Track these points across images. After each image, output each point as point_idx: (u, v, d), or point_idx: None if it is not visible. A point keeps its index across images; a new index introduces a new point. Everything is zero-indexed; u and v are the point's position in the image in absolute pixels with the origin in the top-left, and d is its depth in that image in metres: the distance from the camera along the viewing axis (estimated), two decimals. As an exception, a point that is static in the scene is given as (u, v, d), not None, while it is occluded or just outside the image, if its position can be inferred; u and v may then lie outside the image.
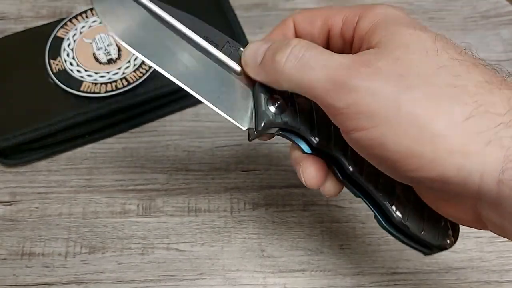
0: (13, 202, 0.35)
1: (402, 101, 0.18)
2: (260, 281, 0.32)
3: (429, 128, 0.17)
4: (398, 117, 0.17)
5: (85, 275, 0.33)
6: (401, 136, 0.18)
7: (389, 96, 0.18)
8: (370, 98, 0.18)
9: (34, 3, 0.44)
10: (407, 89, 0.18)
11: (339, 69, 0.19)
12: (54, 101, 0.35)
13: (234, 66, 0.23)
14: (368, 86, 0.18)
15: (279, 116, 0.22)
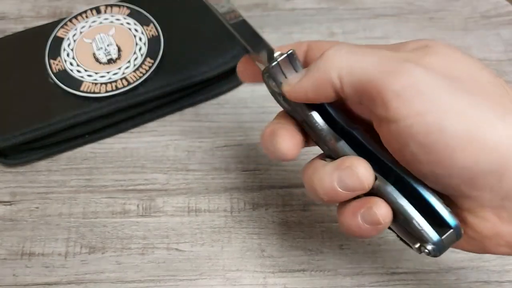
0: (13, 202, 0.35)
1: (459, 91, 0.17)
2: (260, 281, 0.32)
3: (490, 115, 0.17)
4: (457, 103, 0.17)
5: (85, 275, 0.33)
6: (462, 119, 0.17)
7: (443, 83, 0.17)
8: (426, 82, 0.17)
9: (34, 3, 0.44)
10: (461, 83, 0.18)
11: (392, 55, 0.19)
12: (54, 101, 0.35)
13: None
14: (423, 71, 0.17)
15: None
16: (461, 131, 0.17)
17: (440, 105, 0.17)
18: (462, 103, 0.17)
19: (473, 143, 0.17)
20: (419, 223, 0.20)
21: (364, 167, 0.20)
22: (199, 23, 0.38)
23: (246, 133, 0.38)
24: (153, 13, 0.39)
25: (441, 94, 0.17)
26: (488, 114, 0.17)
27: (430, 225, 0.20)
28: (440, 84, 0.17)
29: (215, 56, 0.37)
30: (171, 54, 0.37)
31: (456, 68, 0.18)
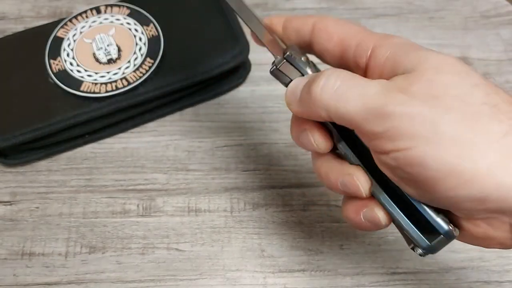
0: (13, 202, 0.35)
1: (441, 123, 0.18)
2: (260, 281, 0.32)
3: (469, 146, 0.18)
4: (438, 137, 0.18)
5: (85, 275, 0.33)
6: (442, 153, 0.18)
7: (427, 119, 0.18)
8: (408, 123, 0.18)
9: (34, 3, 0.44)
10: (445, 111, 0.18)
11: (375, 98, 0.19)
12: (54, 101, 0.35)
13: None
14: (405, 111, 0.19)
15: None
16: (441, 165, 0.18)
17: (422, 141, 0.18)
18: (444, 136, 0.18)
19: (452, 176, 0.18)
20: (408, 230, 0.22)
21: (364, 178, 0.22)
22: (199, 23, 0.38)
23: (246, 133, 0.38)
24: (153, 13, 0.39)
25: (424, 129, 0.18)
26: (469, 146, 0.18)
27: (419, 231, 0.21)
28: (421, 120, 0.18)
29: (215, 56, 0.37)
30: (171, 54, 0.37)
31: (446, 93, 0.19)
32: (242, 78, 0.40)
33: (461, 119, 0.18)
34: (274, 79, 0.25)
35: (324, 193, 0.35)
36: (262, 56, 0.41)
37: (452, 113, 0.18)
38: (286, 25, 0.25)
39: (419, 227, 0.21)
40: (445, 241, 0.21)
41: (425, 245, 0.21)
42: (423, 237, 0.21)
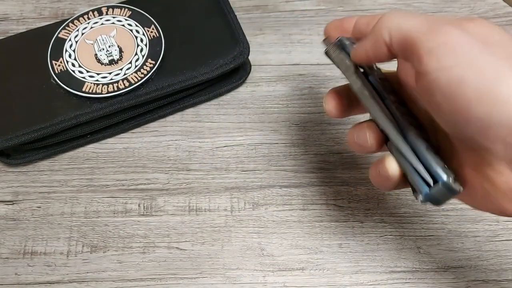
0: (15, 202, 0.36)
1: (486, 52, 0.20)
2: (260, 280, 0.33)
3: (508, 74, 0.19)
4: (480, 61, 0.20)
5: (87, 274, 0.33)
6: (481, 75, 0.19)
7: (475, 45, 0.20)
8: (458, 43, 0.20)
9: (36, 4, 0.44)
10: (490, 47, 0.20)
11: (437, 19, 0.21)
12: (56, 102, 0.36)
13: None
14: (460, 33, 0.20)
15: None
16: (478, 85, 0.19)
17: (465, 62, 0.20)
18: (485, 62, 0.20)
19: (488, 96, 0.19)
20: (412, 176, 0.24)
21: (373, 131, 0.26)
22: (200, 25, 0.39)
23: (246, 133, 0.38)
24: (154, 14, 0.39)
25: (469, 53, 0.20)
26: (507, 73, 0.19)
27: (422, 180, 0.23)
28: (470, 45, 0.20)
29: (216, 57, 0.37)
30: (172, 55, 0.37)
31: (492, 36, 0.21)
32: (242, 79, 0.40)
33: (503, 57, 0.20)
34: (274, 81, 0.26)
35: (324, 192, 0.36)
36: (262, 57, 0.41)
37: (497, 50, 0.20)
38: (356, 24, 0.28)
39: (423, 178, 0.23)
40: (445, 192, 0.23)
41: (423, 192, 0.23)
42: (424, 184, 0.23)
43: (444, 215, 0.35)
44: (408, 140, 0.24)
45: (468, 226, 0.34)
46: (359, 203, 0.35)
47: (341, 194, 0.36)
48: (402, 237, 0.34)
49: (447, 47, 0.20)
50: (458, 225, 0.34)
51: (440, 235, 0.34)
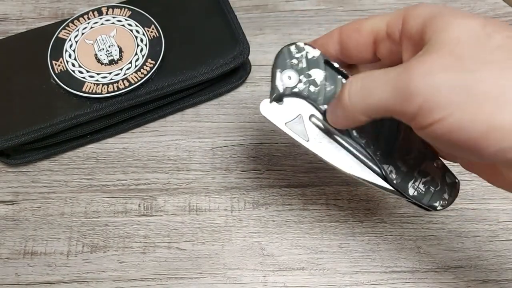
0: (15, 202, 0.36)
1: (469, 83, 0.18)
2: (260, 280, 0.33)
3: (502, 98, 0.18)
4: (469, 98, 0.18)
5: (87, 274, 0.33)
6: (477, 113, 0.18)
7: (455, 83, 0.18)
8: (436, 93, 0.19)
9: (36, 4, 0.44)
10: (470, 73, 0.18)
11: (399, 78, 0.20)
12: (56, 102, 0.36)
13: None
14: (431, 83, 0.19)
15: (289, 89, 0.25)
16: (479, 124, 0.18)
17: (455, 106, 0.18)
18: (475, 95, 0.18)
19: (493, 132, 0.18)
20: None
21: None
22: (200, 25, 0.39)
23: (247, 133, 0.38)
24: (154, 14, 0.39)
25: (457, 95, 0.18)
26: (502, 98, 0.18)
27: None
28: (449, 85, 0.18)
29: (216, 57, 0.37)
30: (172, 55, 0.37)
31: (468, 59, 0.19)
32: (242, 79, 0.40)
33: (489, 76, 0.18)
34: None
35: (323, 192, 0.36)
36: (262, 57, 0.41)
37: (477, 73, 0.18)
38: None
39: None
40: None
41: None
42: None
43: (444, 215, 0.35)
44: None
45: (468, 226, 0.34)
46: (359, 203, 0.35)
47: (341, 194, 0.36)
48: (402, 237, 0.34)
49: (429, 104, 0.19)
50: (458, 225, 0.34)
51: (440, 235, 0.34)
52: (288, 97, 0.25)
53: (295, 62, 0.25)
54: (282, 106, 0.25)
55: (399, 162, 0.25)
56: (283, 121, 0.25)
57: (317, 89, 0.25)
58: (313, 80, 0.25)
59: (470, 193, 0.35)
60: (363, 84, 0.21)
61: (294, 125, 0.25)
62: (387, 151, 0.25)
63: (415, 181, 0.25)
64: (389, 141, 0.25)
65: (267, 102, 0.25)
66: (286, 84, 0.25)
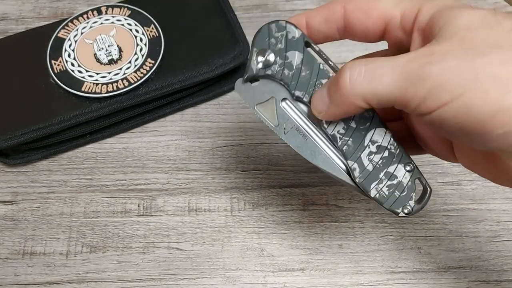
0: (14, 202, 0.36)
1: (478, 66, 0.18)
2: (260, 280, 0.33)
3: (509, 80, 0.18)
4: (479, 81, 0.18)
5: (86, 274, 0.33)
6: (486, 95, 0.18)
7: (464, 67, 0.18)
8: (448, 76, 0.18)
9: (35, 3, 0.44)
10: (480, 56, 0.18)
11: (409, 64, 0.19)
12: (55, 101, 0.36)
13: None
14: (443, 67, 0.19)
15: (263, 70, 0.24)
16: (487, 106, 0.18)
17: (464, 89, 0.18)
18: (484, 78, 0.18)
19: (500, 114, 0.18)
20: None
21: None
22: (200, 24, 0.39)
23: (246, 133, 0.38)
24: (154, 14, 0.39)
25: (464, 77, 0.18)
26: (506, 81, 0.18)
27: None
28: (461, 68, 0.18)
29: (216, 57, 0.37)
30: (171, 55, 0.37)
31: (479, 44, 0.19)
32: (242, 79, 0.40)
33: (499, 61, 0.18)
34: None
35: (324, 192, 0.36)
36: (262, 56, 0.41)
37: (488, 56, 0.18)
38: (310, 22, 0.25)
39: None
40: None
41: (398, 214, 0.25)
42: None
43: (444, 215, 0.35)
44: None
45: (469, 227, 0.34)
46: (360, 203, 0.35)
47: (342, 194, 0.36)
48: (403, 238, 0.34)
49: (440, 87, 0.19)
50: (458, 226, 0.34)
51: (440, 235, 0.34)
52: (263, 79, 0.24)
53: (274, 41, 0.24)
54: (256, 86, 0.25)
55: (365, 160, 0.24)
56: (254, 102, 0.25)
57: (291, 73, 0.24)
58: (289, 63, 0.24)
59: (471, 194, 0.35)
60: (368, 69, 0.21)
61: (265, 107, 0.25)
62: (354, 147, 0.24)
63: (380, 183, 0.24)
64: (358, 137, 0.24)
65: (241, 81, 0.25)
66: (260, 65, 0.24)
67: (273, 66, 0.24)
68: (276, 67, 0.24)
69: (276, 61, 0.24)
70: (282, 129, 0.25)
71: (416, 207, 0.24)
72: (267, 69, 0.24)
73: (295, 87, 0.24)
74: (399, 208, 0.24)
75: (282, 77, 0.24)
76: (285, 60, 0.24)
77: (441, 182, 0.36)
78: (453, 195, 0.35)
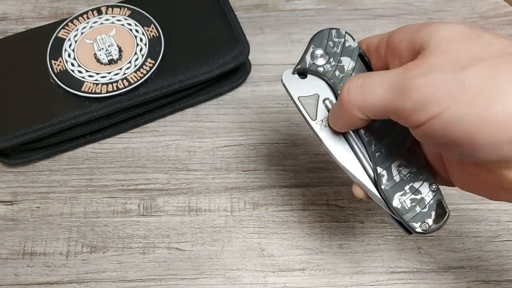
0: (14, 202, 0.36)
1: (464, 78, 0.19)
2: (260, 280, 0.33)
3: (496, 92, 0.18)
4: (464, 92, 0.19)
5: (86, 274, 0.33)
6: (472, 107, 0.19)
7: (450, 79, 0.19)
8: (433, 89, 0.19)
9: (35, 3, 0.44)
10: (465, 68, 0.19)
11: (397, 77, 0.21)
12: (55, 102, 0.36)
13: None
14: (427, 80, 0.19)
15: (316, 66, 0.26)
16: (474, 117, 0.19)
17: (451, 101, 0.19)
18: (470, 90, 0.19)
19: (487, 125, 0.19)
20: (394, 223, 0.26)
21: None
22: (200, 24, 0.39)
23: (246, 133, 0.38)
24: (154, 14, 0.39)
25: (451, 91, 0.19)
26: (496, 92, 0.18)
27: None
28: (445, 81, 0.19)
29: (215, 57, 0.37)
30: (171, 55, 0.37)
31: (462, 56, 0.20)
32: (242, 79, 0.40)
33: (484, 71, 0.19)
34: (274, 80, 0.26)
35: (324, 193, 0.36)
36: (262, 56, 0.41)
37: (472, 68, 0.19)
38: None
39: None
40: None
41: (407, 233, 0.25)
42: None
43: (445, 215, 0.35)
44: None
45: (469, 227, 0.34)
46: (360, 203, 0.35)
47: (342, 194, 0.36)
48: (403, 238, 0.34)
49: (425, 99, 0.19)
50: (459, 226, 0.34)
51: (440, 235, 0.34)
52: (311, 75, 0.26)
53: (331, 44, 0.26)
54: (302, 81, 0.26)
55: (394, 170, 0.25)
56: (298, 94, 0.26)
57: (341, 75, 0.25)
58: (341, 67, 0.25)
59: (471, 194, 0.35)
60: (363, 81, 0.22)
61: (307, 101, 0.26)
62: (387, 155, 0.25)
63: (404, 194, 0.25)
64: (393, 147, 0.25)
65: (289, 72, 0.26)
66: (314, 61, 0.26)
67: (326, 65, 0.26)
68: (328, 67, 0.25)
69: (330, 62, 0.26)
70: (319, 124, 0.25)
71: (434, 226, 0.24)
72: (320, 67, 0.26)
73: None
74: (418, 223, 0.24)
75: (332, 76, 0.25)
76: (338, 63, 0.25)
77: (441, 182, 0.36)
78: (453, 195, 0.35)
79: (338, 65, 0.25)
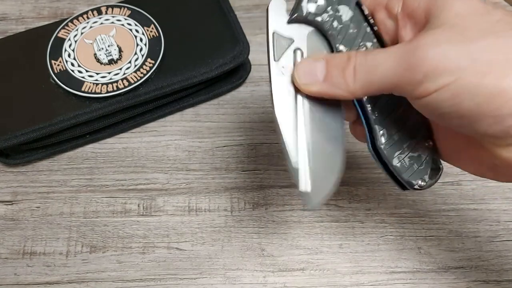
0: (14, 202, 0.36)
1: (474, 51, 0.19)
2: (260, 280, 0.33)
3: (506, 66, 0.19)
4: (475, 65, 0.19)
5: (86, 274, 0.33)
6: (482, 79, 0.19)
7: (460, 51, 0.19)
8: (443, 59, 0.19)
9: (35, 4, 0.44)
10: (474, 42, 0.19)
11: (403, 52, 0.20)
12: (55, 101, 0.36)
13: None
14: (437, 52, 0.19)
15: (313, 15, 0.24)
16: (483, 89, 0.19)
17: (461, 72, 0.19)
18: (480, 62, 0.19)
19: (494, 97, 0.19)
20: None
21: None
22: (200, 24, 0.39)
23: (246, 133, 0.38)
24: (154, 13, 0.39)
25: (460, 61, 0.19)
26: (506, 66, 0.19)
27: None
28: (456, 52, 0.19)
29: (215, 57, 0.37)
30: (171, 55, 0.37)
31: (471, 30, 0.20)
32: (242, 79, 0.40)
33: (493, 45, 0.19)
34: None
35: (324, 192, 0.36)
36: (262, 56, 0.41)
37: (481, 41, 0.19)
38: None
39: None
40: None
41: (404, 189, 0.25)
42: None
43: (444, 215, 0.35)
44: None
45: (469, 227, 0.34)
46: (360, 203, 0.35)
47: (342, 194, 0.36)
48: (403, 238, 0.34)
49: (439, 69, 0.19)
50: (459, 226, 0.34)
51: (440, 235, 0.34)
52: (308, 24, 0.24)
53: None
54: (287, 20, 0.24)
55: (393, 129, 0.25)
56: (275, 28, 0.24)
57: (340, 26, 0.24)
58: (339, 16, 0.24)
59: (471, 194, 0.35)
60: (368, 60, 0.22)
61: (280, 40, 0.24)
62: (385, 114, 0.24)
63: (402, 153, 0.25)
64: (389, 106, 0.24)
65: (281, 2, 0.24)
66: (311, 9, 0.24)
67: (323, 14, 0.24)
68: (326, 17, 0.24)
69: (327, 11, 0.24)
70: (278, 69, 0.24)
71: (430, 182, 0.25)
72: (317, 16, 0.24)
73: (341, 41, 0.24)
74: (416, 180, 0.25)
75: (330, 27, 0.24)
76: (335, 12, 0.24)
77: (441, 182, 0.36)
78: (453, 195, 0.35)
79: (336, 14, 0.24)
